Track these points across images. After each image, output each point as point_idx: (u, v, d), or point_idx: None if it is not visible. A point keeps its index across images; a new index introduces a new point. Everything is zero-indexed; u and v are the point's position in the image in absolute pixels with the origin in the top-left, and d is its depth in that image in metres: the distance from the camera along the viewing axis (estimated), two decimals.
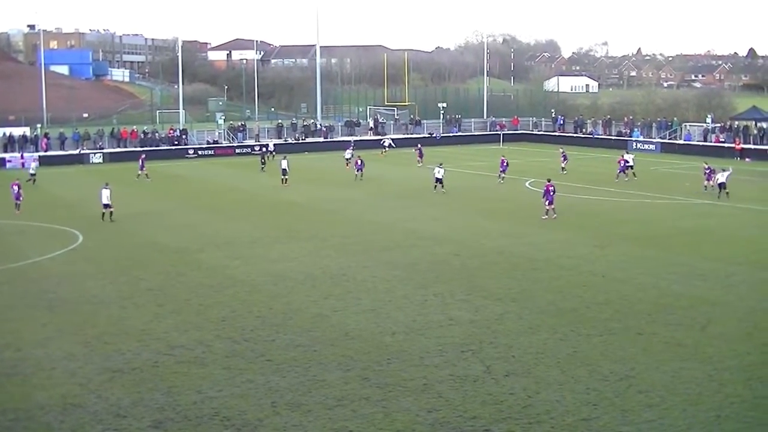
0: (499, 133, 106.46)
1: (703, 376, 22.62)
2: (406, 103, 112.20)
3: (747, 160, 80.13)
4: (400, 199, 57.18)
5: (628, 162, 67.04)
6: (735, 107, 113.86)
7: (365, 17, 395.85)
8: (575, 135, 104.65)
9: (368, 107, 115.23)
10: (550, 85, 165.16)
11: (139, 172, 69.89)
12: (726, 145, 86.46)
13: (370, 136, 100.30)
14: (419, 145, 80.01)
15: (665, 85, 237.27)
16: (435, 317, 28.35)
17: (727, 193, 55.33)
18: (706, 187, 58.92)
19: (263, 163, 75.09)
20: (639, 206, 53.49)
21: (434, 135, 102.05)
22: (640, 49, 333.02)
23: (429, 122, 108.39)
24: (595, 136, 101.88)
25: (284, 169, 63.77)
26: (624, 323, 27.54)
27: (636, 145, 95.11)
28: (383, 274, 35.04)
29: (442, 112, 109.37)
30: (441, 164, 60.37)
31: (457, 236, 43.33)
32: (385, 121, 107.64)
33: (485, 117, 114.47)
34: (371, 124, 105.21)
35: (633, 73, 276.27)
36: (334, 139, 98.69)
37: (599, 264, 36.63)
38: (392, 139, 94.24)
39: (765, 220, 48.57)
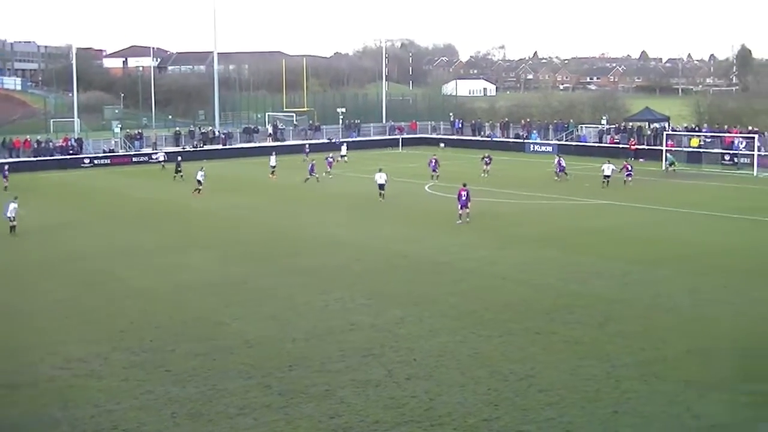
0: (398, 137, 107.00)
1: (601, 373, 23.00)
2: (305, 109, 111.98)
3: (641, 160, 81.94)
4: (307, 205, 57.02)
5: (561, 163, 69.62)
6: (629, 109, 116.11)
7: (263, 23, 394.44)
8: (474, 138, 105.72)
9: (267, 113, 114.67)
10: (449, 88, 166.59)
11: (6, 184, 67.97)
12: (621, 145, 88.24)
13: (269, 143, 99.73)
14: (332, 156, 79.25)
15: (561, 87, 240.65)
16: (336, 322, 28.31)
17: (608, 183, 62.77)
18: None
19: (178, 171, 72.71)
20: (539, 208, 54.26)
21: (333, 140, 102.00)
22: (536, 52, 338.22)
23: (328, 127, 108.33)
24: (494, 139, 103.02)
25: (199, 180, 62.65)
26: (523, 324, 27.86)
27: (533, 147, 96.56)
28: (285, 280, 34.88)
29: (341, 117, 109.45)
30: (381, 169, 59.06)
31: (360, 241, 43.38)
32: (284, 127, 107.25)
33: (384, 121, 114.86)
34: (270, 131, 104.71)
35: (530, 76, 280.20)
36: (233, 146, 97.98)
37: (500, 266, 37.02)
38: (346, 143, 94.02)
39: (658, 219, 49.68)
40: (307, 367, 23.84)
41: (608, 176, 64.11)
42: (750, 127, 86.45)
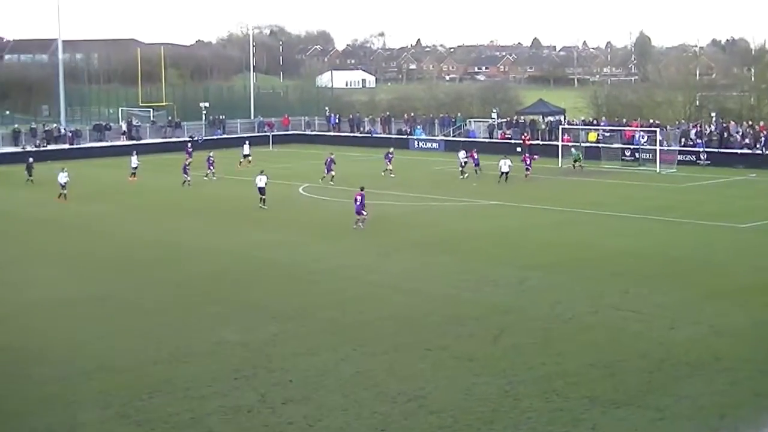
0: (268, 134, 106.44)
1: (497, 391, 23.18)
2: (164, 104, 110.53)
3: (535, 157, 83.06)
4: (165, 210, 56.35)
5: (535, 158, 71.53)
6: (521, 101, 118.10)
7: (114, 7, 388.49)
8: (352, 134, 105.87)
9: (120, 109, 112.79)
10: (324, 80, 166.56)
11: None
12: (513, 141, 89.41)
13: (124, 141, 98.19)
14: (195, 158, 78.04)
15: (447, 78, 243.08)
16: (203, 341, 27.95)
17: (506, 179, 65.34)
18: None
19: (29, 174, 70.68)
20: (426, 210, 54.64)
21: (196, 138, 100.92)
22: (419, 40, 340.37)
23: (190, 124, 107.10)
24: (374, 135, 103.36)
25: (61, 183, 61.03)
26: (411, 338, 27.94)
27: (418, 144, 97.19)
28: (147, 294, 34.41)
29: (204, 112, 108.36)
30: (262, 171, 57.71)
31: (228, 249, 43.03)
32: (140, 124, 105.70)
33: (252, 117, 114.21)
34: (124, 128, 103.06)
35: (413, 66, 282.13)
36: (82, 146, 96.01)
37: (384, 274, 37.12)
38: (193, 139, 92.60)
39: (555, 220, 50.50)
40: (171, 393, 23.46)
41: (506, 173, 65.98)
42: (651, 120, 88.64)
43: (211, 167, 71.11)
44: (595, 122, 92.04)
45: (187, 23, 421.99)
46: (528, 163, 69.52)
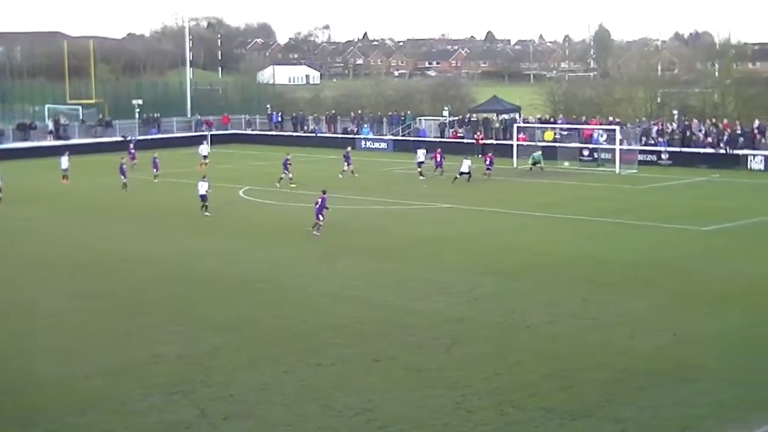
0: (206, 133, 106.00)
1: (450, 403, 23.35)
2: (93, 101, 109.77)
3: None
4: (99, 214, 56.06)
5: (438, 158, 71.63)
6: (474, 98, 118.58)
7: None
8: (295, 134, 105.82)
9: (46, 106, 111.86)
10: (265, 76, 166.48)
11: None
12: (466, 140, 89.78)
13: (50, 141, 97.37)
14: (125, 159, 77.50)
15: (396, 74, 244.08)
16: (138, 354, 27.91)
17: (469, 178, 66.77)
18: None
19: None
20: (373, 214, 54.80)
21: (129, 138, 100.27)
22: (366, 33, 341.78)
23: (122, 123, 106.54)
24: (319, 135, 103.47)
25: None
26: (359, 349, 28.07)
27: (366, 144, 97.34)
28: (75, 304, 34.28)
29: (137, 110, 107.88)
30: (204, 177, 57.30)
31: (163, 256, 42.94)
32: (68, 122, 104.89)
33: (189, 115, 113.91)
34: (51, 127, 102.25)
35: (359, 61, 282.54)
36: (5, 146, 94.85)
37: (330, 282, 37.21)
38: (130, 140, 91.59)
39: (510, 224, 50.86)
40: (105, 409, 23.42)
41: (467, 173, 67.13)
42: (611, 118, 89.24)
43: (156, 169, 71.08)
44: (552, 120, 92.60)
45: (118, 15, 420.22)
46: (489, 162, 70.11)
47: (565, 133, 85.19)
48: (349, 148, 75.67)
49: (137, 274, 39.42)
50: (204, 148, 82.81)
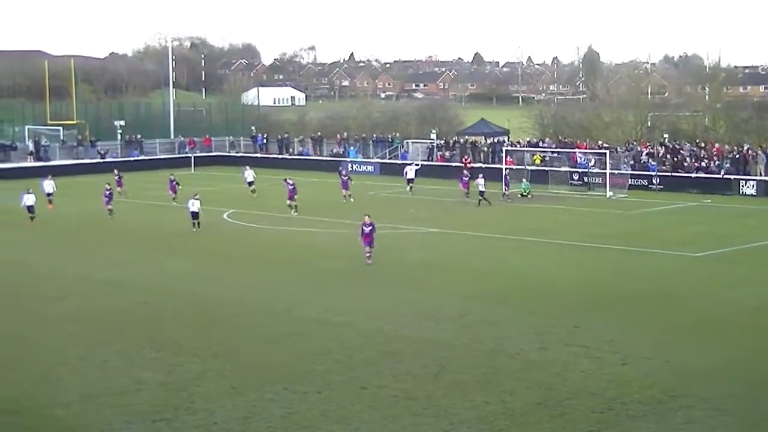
0: (189, 155, 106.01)
1: None
2: (75, 122, 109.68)
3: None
4: (73, 237, 55.95)
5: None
6: (462, 120, 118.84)
7: (19, 15, 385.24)
8: (281, 156, 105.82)
9: (26, 127, 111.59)
10: (249, 97, 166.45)
11: None
12: (453, 164, 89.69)
13: (30, 162, 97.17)
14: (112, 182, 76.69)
15: (383, 95, 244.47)
16: (119, 381, 27.74)
17: (487, 200, 67.38)
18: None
19: None
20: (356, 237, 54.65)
21: (117, 174, 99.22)
22: (352, 54, 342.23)
23: (104, 144, 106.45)
24: (305, 157, 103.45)
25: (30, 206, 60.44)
26: (346, 376, 27.96)
27: (353, 167, 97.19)
28: (53, 329, 34.10)
29: (119, 131, 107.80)
30: (196, 195, 57.64)
31: (143, 280, 42.80)
32: (48, 143, 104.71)
33: (173, 137, 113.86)
34: (31, 148, 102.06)
35: (346, 83, 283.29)
36: None
37: (315, 307, 37.07)
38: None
39: (499, 249, 50.85)
40: None
41: (483, 192, 67.84)
42: (600, 142, 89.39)
43: (174, 192, 70.81)
44: (540, 143, 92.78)
45: (100, 34, 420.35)
46: (464, 181, 70.68)
47: (554, 155, 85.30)
48: (344, 172, 75.24)
49: (117, 298, 39.27)
50: (249, 174, 76.75)
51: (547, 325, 33.73)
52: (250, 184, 75.35)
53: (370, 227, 45.62)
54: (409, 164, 77.25)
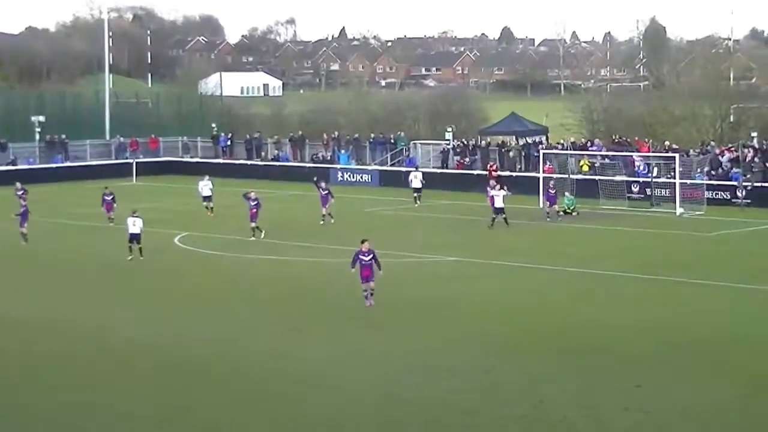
0: (130, 161, 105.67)
1: None
2: None
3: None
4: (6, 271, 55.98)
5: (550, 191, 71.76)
6: (486, 115, 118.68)
7: None
8: (250, 162, 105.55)
9: None
10: (210, 85, 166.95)
11: None
12: (475, 171, 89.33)
13: None
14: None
15: (383, 83, 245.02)
16: None
17: (505, 218, 67.04)
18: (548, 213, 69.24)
19: None
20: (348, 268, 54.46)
21: (20, 190, 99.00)
22: (343, 29, 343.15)
23: (18, 146, 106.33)
24: (282, 163, 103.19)
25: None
26: None
27: (343, 175, 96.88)
28: None
29: (37, 130, 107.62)
30: (135, 212, 57.95)
31: (69, 323, 42.84)
32: None
33: (108, 137, 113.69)
34: None
35: (335, 67, 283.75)
36: None
37: (293, 362, 36.80)
38: None
39: (535, 283, 50.76)
40: None
41: (501, 208, 67.39)
42: (667, 143, 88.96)
43: (109, 209, 70.51)
44: (589, 145, 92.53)
45: (14, 3, 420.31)
46: (550, 195, 70.66)
47: (608, 161, 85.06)
48: (323, 184, 74.01)
49: (35, 349, 39.08)
50: (205, 186, 76.35)
51: (597, 384, 33.57)
52: (206, 198, 75.04)
53: (370, 256, 45.14)
54: (415, 170, 77.42)
